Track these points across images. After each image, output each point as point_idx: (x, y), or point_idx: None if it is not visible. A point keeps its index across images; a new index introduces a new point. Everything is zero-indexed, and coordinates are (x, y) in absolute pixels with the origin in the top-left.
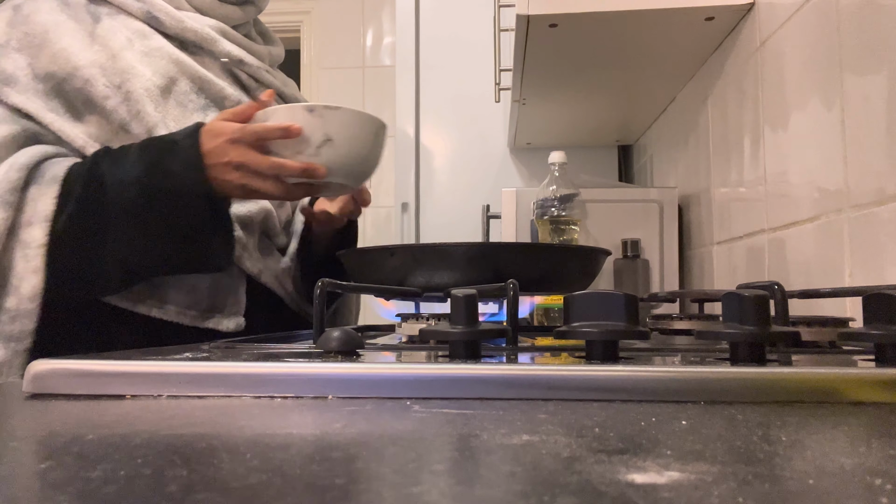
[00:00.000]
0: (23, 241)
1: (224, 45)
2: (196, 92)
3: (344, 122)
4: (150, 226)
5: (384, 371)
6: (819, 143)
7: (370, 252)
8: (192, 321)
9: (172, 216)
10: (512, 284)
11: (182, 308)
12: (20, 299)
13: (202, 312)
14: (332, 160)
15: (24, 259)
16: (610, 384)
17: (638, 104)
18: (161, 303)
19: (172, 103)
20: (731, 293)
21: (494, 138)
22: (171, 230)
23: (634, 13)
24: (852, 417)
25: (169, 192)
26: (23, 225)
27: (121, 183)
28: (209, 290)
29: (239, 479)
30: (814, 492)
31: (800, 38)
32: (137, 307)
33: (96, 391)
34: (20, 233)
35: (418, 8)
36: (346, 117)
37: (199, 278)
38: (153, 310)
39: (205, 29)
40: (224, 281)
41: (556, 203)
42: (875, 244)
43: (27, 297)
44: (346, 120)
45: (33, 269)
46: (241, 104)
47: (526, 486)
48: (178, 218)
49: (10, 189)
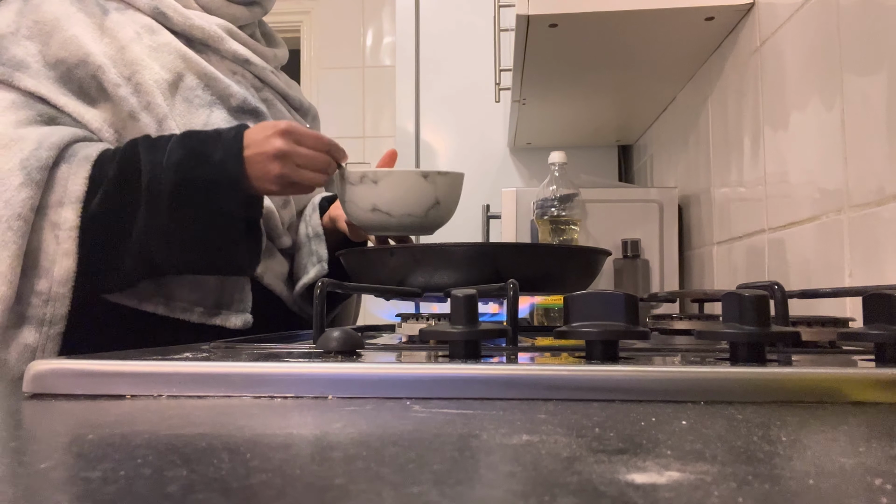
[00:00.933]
0: (53, 221)
1: (230, 43)
2: (202, 88)
3: (450, 184)
4: (180, 215)
5: (384, 371)
6: (819, 143)
7: (370, 252)
8: (200, 318)
9: (204, 206)
10: (512, 284)
11: (188, 304)
12: (52, 282)
13: (209, 309)
14: (434, 219)
15: (56, 241)
16: (610, 384)
17: (638, 104)
18: (167, 300)
19: (179, 98)
20: (731, 293)
21: (494, 138)
22: (200, 222)
23: (634, 13)
24: (852, 417)
25: (204, 181)
26: (53, 205)
27: (158, 167)
28: (216, 286)
29: (239, 479)
30: (814, 492)
31: (800, 38)
32: (143, 305)
33: (96, 391)
34: (49, 213)
35: (418, 8)
36: (451, 181)
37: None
38: (159, 307)
39: (212, 27)
40: (230, 278)
41: (556, 203)
42: (875, 244)
43: (59, 281)
44: (451, 182)
45: (65, 252)
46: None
47: (526, 486)
48: (209, 209)
49: (39, 167)
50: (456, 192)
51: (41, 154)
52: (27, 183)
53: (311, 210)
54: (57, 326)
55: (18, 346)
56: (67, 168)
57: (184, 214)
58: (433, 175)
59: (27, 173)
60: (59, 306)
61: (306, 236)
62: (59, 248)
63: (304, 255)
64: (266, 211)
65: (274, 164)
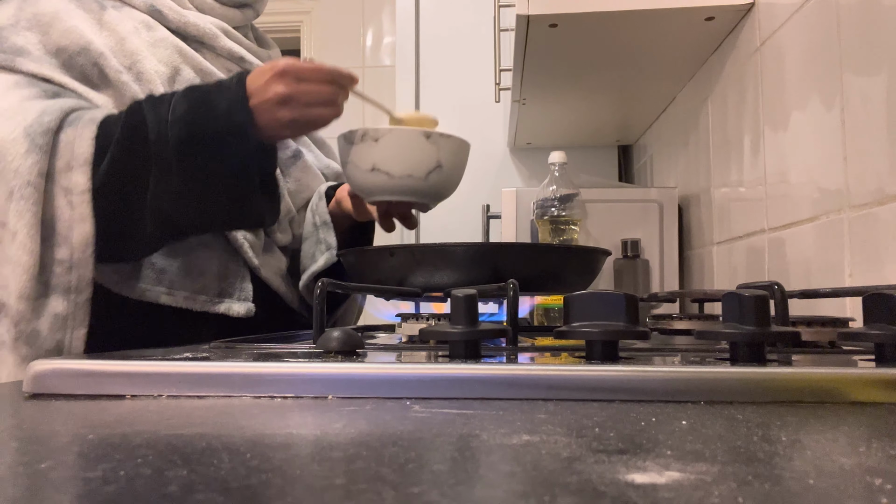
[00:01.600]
0: (65, 186)
1: (225, 41)
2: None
3: (453, 149)
4: (193, 169)
5: (384, 371)
6: (819, 143)
7: (370, 252)
8: (203, 306)
9: (216, 158)
10: (512, 284)
11: (191, 293)
12: (72, 248)
13: (212, 297)
14: (435, 185)
15: (70, 206)
16: (610, 384)
17: (638, 104)
18: (170, 289)
19: None
20: (731, 293)
21: (494, 138)
22: (214, 175)
23: (634, 13)
24: (852, 417)
25: (213, 132)
26: (62, 170)
27: (164, 123)
28: (218, 275)
29: (239, 479)
30: (814, 492)
31: (800, 38)
32: (146, 295)
33: (96, 391)
34: (60, 178)
35: (418, 8)
36: (455, 145)
37: (207, 263)
38: (162, 297)
39: (207, 25)
40: (231, 266)
41: (556, 203)
42: (875, 244)
43: (79, 247)
44: (454, 148)
45: (80, 217)
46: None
47: (526, 486)
48: (222, 160)
49: (43, 132)
50: (459, 158)
51: (44, 119)
52: (32, 149)
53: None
54: (84, 293)
55: (49, 315)
56: (73, 131)
57: (194, 169)
58: (436, 136)
59: (31, 139)
60: (83, 272)
61: (313, 225)
62: (74, 214)
63: (312, 243)
64: None
65: (281, 110)
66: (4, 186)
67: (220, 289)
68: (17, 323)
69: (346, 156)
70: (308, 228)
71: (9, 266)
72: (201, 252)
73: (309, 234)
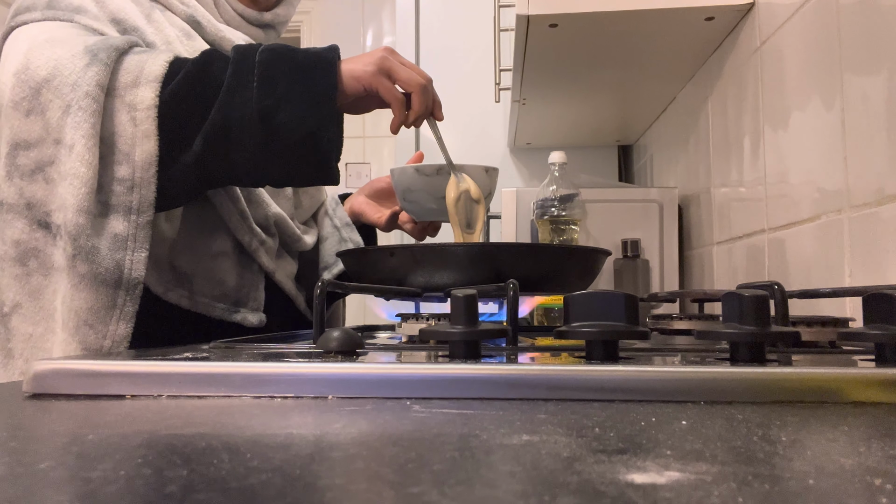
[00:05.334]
0: (128, 102)
1: None
2: None
3: (496, 178)
4: (262, 97)
5: (384, 371)
6: (819, 143)
7: (370, 252)
8: (221, 314)
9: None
10: (512, 284)
11: (210, 301)
12: (134, 167)
13: (230, 306)
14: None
15: (133, 122)
16: (610, 384)
17: (638, 104)
18: (191, 294)
19: None
20: (731, 293)
21: (494, 138)
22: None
23: (634, 13)
24: (852, 417)
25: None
26: (127, 85)
27: (247, 51)
28: (235, 284)
29: (239, 479)
30: (814, 492)
31: (800, 38)
32: (168, 295)
33: (96, 391)
34: (125, 93)
35: (418, 8)
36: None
37: (227, 273)
38: (183, 300)
39: (240, 41)
40: (246, 276)
41: (556, 203)
42: (875, 244)
43: (142, 165)
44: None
45: (144, 134)
46: None
47: (526, 486)
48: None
49: (107, 48)
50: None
51: (109, 41)
52: (93, 62)
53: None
54: (146, 215)
55: (109, 235)
56: (145, 55)
57: (265, 98)
58: (492, 171)
59: (93, 54)
60: (145, 193)
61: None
62: (137, 131)
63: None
64: (279, 218)
65: (377, 53)
66: (60, 101)
67: (237, 298)
68: (76, 238)
69: (415, 185)
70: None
71: (66, 182)
72: (222, 261)
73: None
